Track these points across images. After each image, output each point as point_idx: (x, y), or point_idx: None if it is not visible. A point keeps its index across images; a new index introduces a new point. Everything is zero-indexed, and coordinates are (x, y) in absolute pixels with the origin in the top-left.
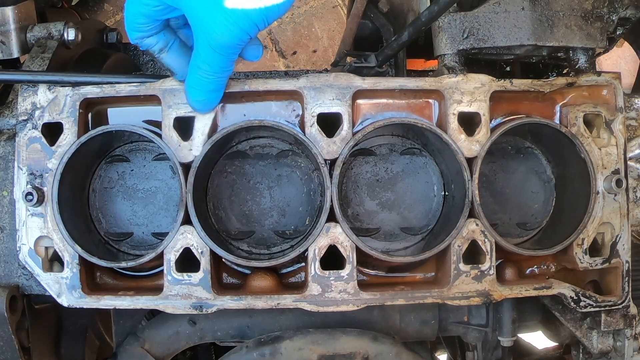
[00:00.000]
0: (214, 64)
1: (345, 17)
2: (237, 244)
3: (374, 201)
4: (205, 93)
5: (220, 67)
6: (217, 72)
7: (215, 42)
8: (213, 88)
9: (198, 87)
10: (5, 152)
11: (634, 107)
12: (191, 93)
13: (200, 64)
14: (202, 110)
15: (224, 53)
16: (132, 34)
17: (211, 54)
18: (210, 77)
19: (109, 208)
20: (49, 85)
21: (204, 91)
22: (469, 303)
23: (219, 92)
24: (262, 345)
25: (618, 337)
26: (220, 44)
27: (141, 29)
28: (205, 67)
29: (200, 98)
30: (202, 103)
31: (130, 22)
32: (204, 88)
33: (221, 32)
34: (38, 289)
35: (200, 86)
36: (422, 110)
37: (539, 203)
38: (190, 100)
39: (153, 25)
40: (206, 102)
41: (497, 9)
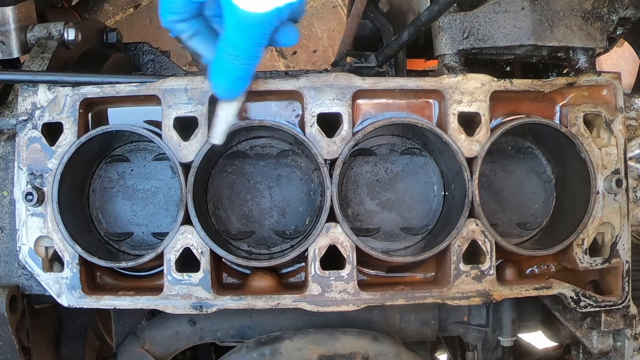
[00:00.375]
0: (241, 48)
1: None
2: (237, 244)
3: (374, 201)
4: (229, 80)
5: (247, 51)
6: (244, 57)
7: (244, 20)
8: (238, 75)
9: (222, 73)
10: (5, 152)
11: (634, 107)
12: (214, 78)
13: (227, 47)
14: (224, 97)
15: (253, 35)
16: (166, 15)
17: (239, 35)
18: (236, 63)
19: (109, 208)
20: (49, 85)
21: (229, 78)
22: (469, 303)
23: (244, 81)
24: (262, 345)
25: (618, 337)
26: (250, 22)
27: (175, 10)
28: (232, 51)
29: (223, 85)
30: (224, 90)
31: (165, 2)
32: (228, 74)
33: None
34: (38, 289)
35: (225, 72)
36: (422, 110)
37: (539, 203)
38: (212, 85)
39: (188, 8)
40: (229, 89)
41: (497, 9)
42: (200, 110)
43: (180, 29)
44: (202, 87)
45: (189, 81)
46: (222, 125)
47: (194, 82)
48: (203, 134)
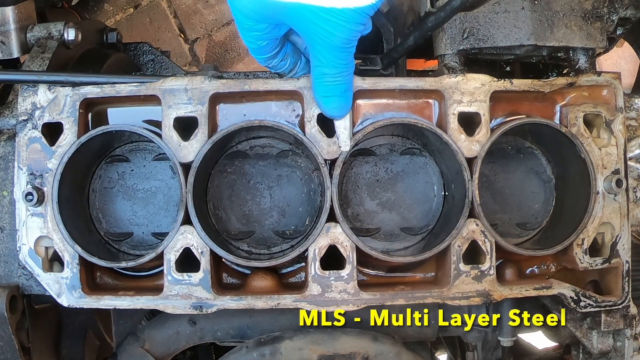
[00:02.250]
0: (338, 64)
1: None
2: (237, 244)
3: (374, 201)
4: (339, 98)
5: (344, 64)
6: (343, 70)
7: (334, 41)
8: (344, 89)
9: (330, 94)
10: (5, 152)
11: (634, 107)
12: (325, 102)
13: (325, 69)
14: (341, 115)
15: (345, 49)
16: (260, 58)
17: (333, 54)
18: (339, 79)
19: (109, 208)
20: (49, 85)
21: (338, 96)
22: (469, 303)
23: (350, 92)
24: (262, 345)
25: (618, 337)
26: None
27: (266, 51)
28: (331, 71)
29: (336, 104)
30: (339, 109)
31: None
32: (336, 92)
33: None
34: (38, 289)
35: (332, 92)
36: (422, 110)
37: (539, 203)
38: (326, 109)
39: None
40: (342, 106)
41: (497, 9)
42: (200, 110)
43: (277, 66)
44: (202, 87)
45: (189, 81)
46: (345, 133)
47: (194, 82)
48: (203, 134)
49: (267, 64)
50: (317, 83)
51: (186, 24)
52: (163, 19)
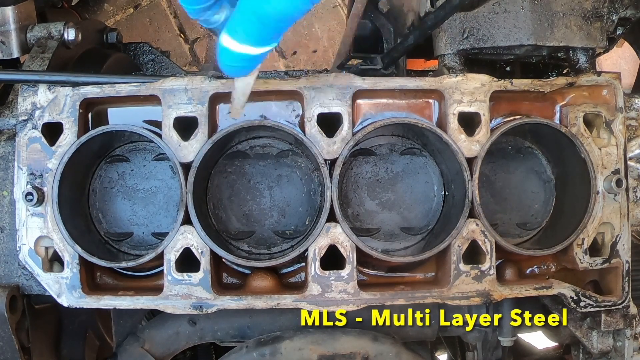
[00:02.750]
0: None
1: (345, 17)
2: (237, 244)
3: (374, 201)
4: (236, 60)
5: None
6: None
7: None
8: (246, 57)
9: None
10: (5, 152)
11: (634, 107)
12: (220, 56)
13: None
14: (232, 75)
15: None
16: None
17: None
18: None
19: (109, 208)
20: (49, 85)
21: (235, 59)
22: (469, 303)
23: (253, 61)
24: (262, 345)
25: (618, 337)
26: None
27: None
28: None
29: (230, 64)
30: (231, 69)
31: None
32: (235, 56)
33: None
34: (38, 289)
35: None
36: (422, 110)
37: (539, 203)
38: (219, 63)
39: None
40: (237, 69)
41: (497, 9)
42: (200, 110)
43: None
44: (202, 87)
45: (189, 81)
46: (239, 99)
47: (194, 82)
48: (203, 134)
49: (199, 16)
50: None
51: (186, 24)
52: (163, 19)
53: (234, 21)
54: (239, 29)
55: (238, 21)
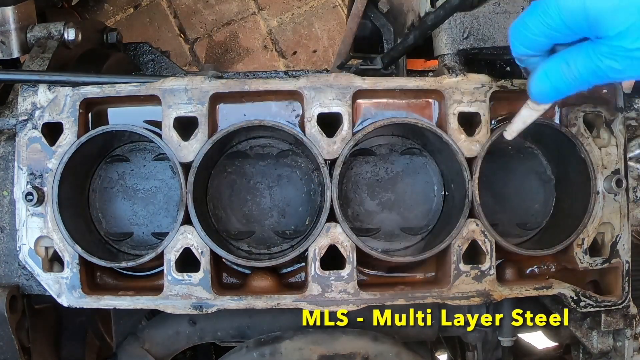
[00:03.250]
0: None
1: (345, 17)
2: (237, 244)
3: (374, 201)
4: (551, 88)
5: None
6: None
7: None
8: (562, 88)
9: (550, 78)
10: (5, 152)
11: (634, 107)
12: (539, 77)
13: (573, 66)
14: (537, 99)
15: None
16: (518, 49)
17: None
18: (569, 79)
19: (109, 208)
20: (49, 85)
21: (552, 87)
22: (469, 303)
23: (563, 94)
24: (262, 345)
25: (618, 337)
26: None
27: (532, 48)
28: (574, 71)
29: (544, 88)
30: (542, 93)
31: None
32: (555, 83)
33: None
34: (38, 289)
35: (554, 79)
36: (422, 110)
37: (539, 203)
38: (532, 81)
39: (548, 47)
40: (543, 94)
41: (497, 9)
42: (200, 110)
43: (531, 62)
44: (202, 87)
45: (189, 81)
46: (519, 124)
47: (194, 82)
48: (203, 134)
49: (520, 57)
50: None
51: (186, 24)
52: (163, 19)
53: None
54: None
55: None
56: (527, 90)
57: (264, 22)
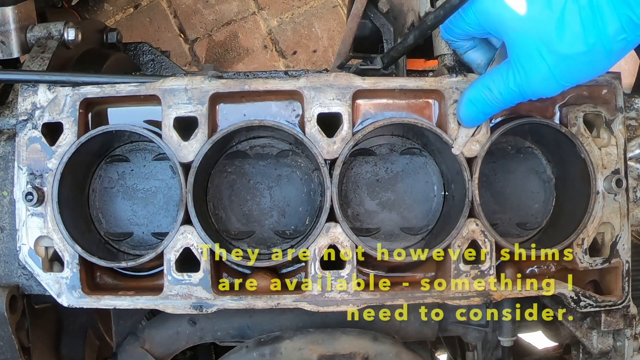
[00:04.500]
0: (507, 99)
1: (345, 17)
2: (237, 244)
3: (374, 201)
4: (478, 112)
5: (511, 102)
6: (505, 104)
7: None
8: (489, 112)
9: (476, 104)
10: (5, 152)
11: (634, 107)
12: (467, 105)
13: (494, 89)
14: (467, 125)
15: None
16: (445, 35)
17: (513, 92)
18: (494, 104)
19: (109, 208)
20: (49, 85)
21: (479, 111)
22: (469, 303)
23: (488, 116)
24: (262, 345)
25: (618, 337)
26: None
27: (455, 36)
28: (497, 96)
29: (472, 114)
30: (471, 119)
31: (446, 29)
32: (481, 108)
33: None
34: (38, 289)
35: (479, 104)
36: (422, 110)
37: (539, 203)
38: (462, 111)
39: (467, 38)
40: (475, 119)
41: None
42: (200, 110)
43: (457, 46)
44: (202, 87)
45: (189, 81)
46: (463, 140)
47: (194, 82)
48: (203, 134)
49: (447, 41)
50: (476, 88)
51: (186, 24)
52: (163, 19)
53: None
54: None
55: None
56: (458, 115)
57: (264, 22)
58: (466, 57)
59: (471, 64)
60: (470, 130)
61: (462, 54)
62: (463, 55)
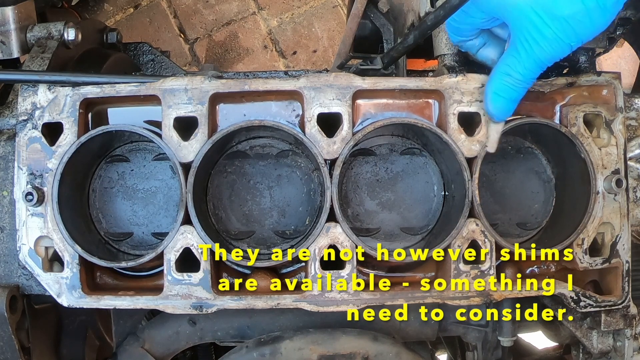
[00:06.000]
0: (527, 75)
1: (345, 17)
2: (237, 244)
3: (374, 201)
4: (507, 101)
5: (532, 78)
6: (528, 82)
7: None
8: (516, 97)
9: (502, 94)
10: (5, 152)
11: (634, 107)
12: (494, 100)
13: (513, 72)
14: (497, 118)
15: (544, 65)
16: (454, 38)
17: (532, 64)
18: (518, 86)
19: (109, 208)
20: (49, 85)
21: (508, 99)
22: (469, 303)
23: (517, 102)
24: (262, 345)
25: (618, 337)
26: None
27: (464, 34)
28: (517, 77)
29: (502, 106)
30: (502, 111)
31: (453, 29)
32: (508, 96)
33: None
34: (38, 289)
35: (505, 93)
36: (422, 110)
37: (539, 203)
38: (491, 106)
39: (475, 33)
40: (506, 110)
41: None
42: (200, 110)
43: (469, 46)
44: (202, 87)
45: (189, 81)
46: (495, 137)
47: (194, 82)
48: (203, 134)
49: (458, 44)
50: (496, 79)
51: (186, 24)
52: (163, 19)
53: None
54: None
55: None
56: (486, 113)
57: (264, 22)
58: (479, 56)
59: (486, 61)
60: (500, 125)
61: (475, 54)
62: (476, 55)
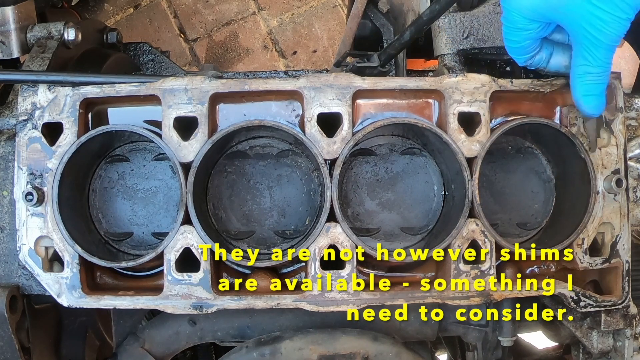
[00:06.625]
0: (603, 63)
1: (345, 17)
2: (237, 244)
3: (374, 201)
4: (598, 97)
5: (608, 63)
6: (606, 69)
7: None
8: (603, 88)
9: (593, 93)
10: (5, 152)
11: (634, 107)
12: (586, 101)
13: (590, 68)
14: (598, 114)
15: (613, 48)
16: (521, 59)
17: (602, 52)
18: (601, 78)
19: (109, 208)
20: (49, 85)
21: (597, 95)
22: (469, 303)
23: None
24: (262, 345)
25: (618, 337)
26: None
27: (527, 51)
28: (596, 70)
29: (596, 103)
30: (597, 107)
31: (516, 50)
32: (596, 91)
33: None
34: (38, 289)
35: (593, 91)
36: (422, 110)
37: (539, 203)
38: (586, 108)
39: (537, 44)
40: (601, 104)
41: (497, 9)
42: (200, 110)
43: (538, 61)
44: (202, 87)
45: (189, 81)
46: (595, 133)
47: (194, 82)
48: (203, 134)
49: (526, 63)
50: (578, 82)
51: (186, 24)
52: (163, 19)
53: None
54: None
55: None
56: (585, 114)
57: (264, 22)
58: (552, 67)
59: (560, 70)
60: (600, 120)
61: (548, 67)
62: (549, 67)
